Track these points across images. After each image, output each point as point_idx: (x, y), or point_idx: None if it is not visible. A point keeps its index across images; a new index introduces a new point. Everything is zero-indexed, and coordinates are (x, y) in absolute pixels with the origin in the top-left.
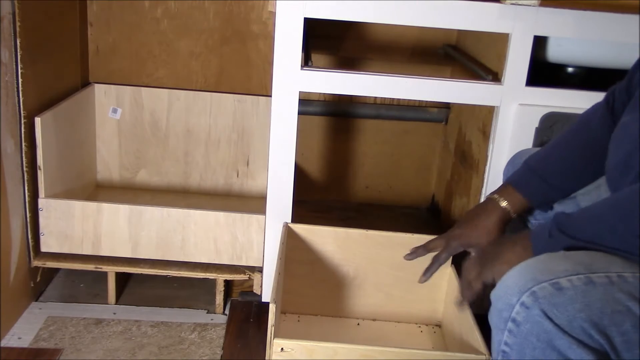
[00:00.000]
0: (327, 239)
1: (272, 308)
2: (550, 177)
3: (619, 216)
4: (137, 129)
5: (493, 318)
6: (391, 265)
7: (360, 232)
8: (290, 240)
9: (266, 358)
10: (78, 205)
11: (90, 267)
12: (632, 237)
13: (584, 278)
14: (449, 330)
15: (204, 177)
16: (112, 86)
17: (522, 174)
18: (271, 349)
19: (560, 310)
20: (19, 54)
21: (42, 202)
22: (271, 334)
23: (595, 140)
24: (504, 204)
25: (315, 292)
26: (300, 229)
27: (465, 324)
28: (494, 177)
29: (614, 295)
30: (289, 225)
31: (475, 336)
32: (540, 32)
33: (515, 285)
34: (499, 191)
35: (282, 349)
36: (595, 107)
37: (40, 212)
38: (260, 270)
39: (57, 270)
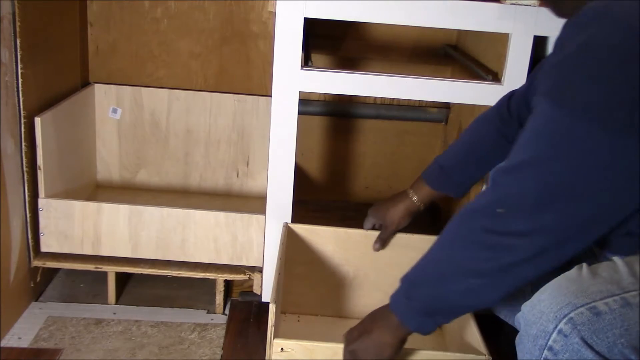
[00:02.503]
0: (327, 239)
1: (272, 308)
2: (446, 164)
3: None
4: (137, 129)
5: (525, 343)
6: (391, 265)
7: (360, 232)
8: (290, 240)
9: (266, 358)
10: (78, 205)
11: (90, 267)
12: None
13: (620, 300)
14: (449, 330)
15: (204, 177)
16: (112, 86)
17: (430, 165)
18: (271, 349)
19: (600, 337)
20: (19, 54)
21: (42, 202)
22: (271, 334)
23: (485, 139)
24: (412, 196)
25: (315, 292)
26: (300, 229)
27: (465, 324)
28: None
29: None
30: (289, 225)
31: (475, 336)
32: (540, 32)
33: (550, 310)
34: (413, 184)
35: (282, 349)
36: (495, 105)
37: (40, 212)
38: (260, 270)
39: (57, 270)
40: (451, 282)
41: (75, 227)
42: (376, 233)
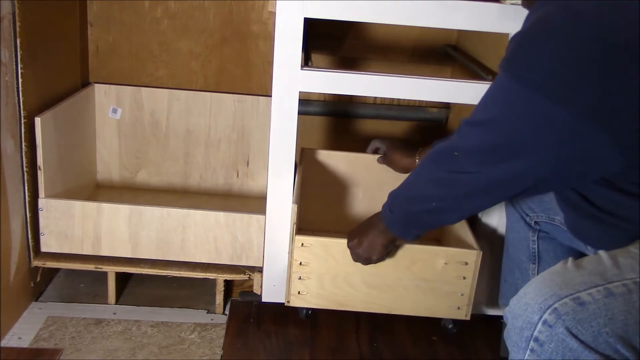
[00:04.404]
0: (339, 163)
1: (294, 208)
2: None
3: (416, 180)
4: (137, 129)
5: (512, 336)
6: (395, 186)
7: (368, 156)
8: (306, 163)
9: (288, 252)
10: (78, 205)
11: (90, 267)
12: (424, 198)
13: (603, 290)
14: (447, 238)
15: (204, 177)
16: (112, 86)
17: (444, 139)
18: (293, 244)
19: (584, 327)
20: (19, 54)
21: (42, 202)
22: (293, 231)
23: None
24: (417, 158)
25: (329, 211)
26: (316, 152)
27: (461, 232)
28: None
29: (634, 304)
30: (305, 149)
31: (468, 236)
32: None
33: (535, 302)
34: (424, 148)
35: (302, 244)
36: None
37: (40, 212)
38: (260, 270)
39: (57, 270)
40: (418, 204)
41: (75, 227)
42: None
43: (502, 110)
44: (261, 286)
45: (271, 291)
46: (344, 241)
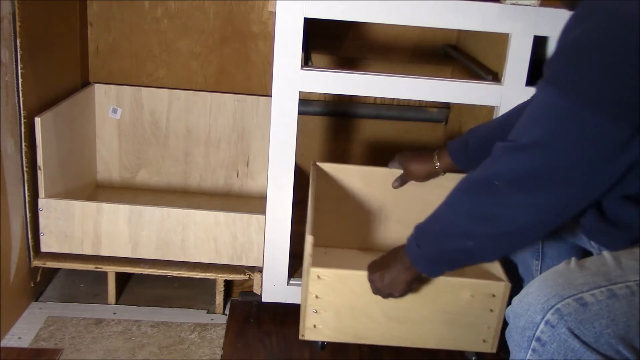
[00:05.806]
0: (353, 177)
1: (309, 239)
2: (471, 138)
3: (449, 214)
4: (137, 129)
5: (514, 336)
6: (414, 201)
7: (384, 170)
8: (319, 179)
9: (302, 285)
10: (78, 205)
11: (90, 267)
12: (463, 235)
13: (606, 291)
14: (473, 268)
15: (204, 177)
16: (112, 86)
17: (458, 137)
18: (308, 276)
19: (587, 328)
20: (19, 54)
21: (42, 202)
22: (308, 264)
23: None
24: (436, 162)
25: (342, 226)
26: (328, 167)
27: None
28: None
29: (636, 306)
30: (318, 164)
31: (495, 266)
32: (540, 32)
33: (537, 302)
34: (439, 150)
35: (318, 276)
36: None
37: (40, 212)
38: (260, 270)
39: (57, 270)
40: (451, 241)
41: (75, 227)
42: (398, 172)
43: (551, 130)
44: (261, 286)
45: (271, 291)
46: (363, 273)
